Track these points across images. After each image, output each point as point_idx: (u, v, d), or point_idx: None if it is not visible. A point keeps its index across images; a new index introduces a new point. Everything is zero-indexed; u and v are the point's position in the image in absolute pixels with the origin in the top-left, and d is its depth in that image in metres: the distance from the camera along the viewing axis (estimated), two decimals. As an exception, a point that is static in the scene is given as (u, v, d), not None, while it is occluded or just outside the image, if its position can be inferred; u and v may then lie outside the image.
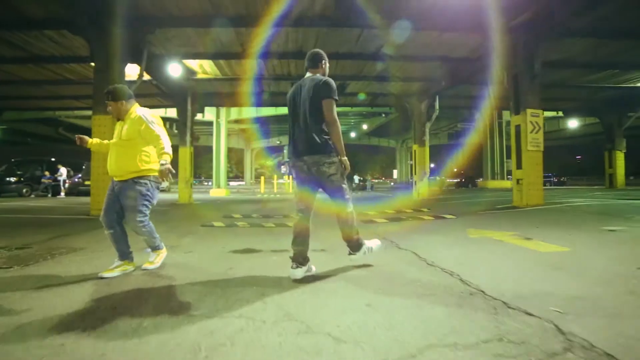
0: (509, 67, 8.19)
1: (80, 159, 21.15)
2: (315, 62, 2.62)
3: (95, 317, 1.75)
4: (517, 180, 8.07)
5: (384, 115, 27.23)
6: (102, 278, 2.44)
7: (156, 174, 2.61)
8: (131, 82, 7.98)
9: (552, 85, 12.78)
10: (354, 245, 2.68)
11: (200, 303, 1.95)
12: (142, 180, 2.59)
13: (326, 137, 2.43)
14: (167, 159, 2.50)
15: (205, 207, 9.76)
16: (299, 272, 2.40)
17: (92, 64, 9.01)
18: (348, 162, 2.49)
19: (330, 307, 1.87)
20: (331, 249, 3.31)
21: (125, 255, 2.64)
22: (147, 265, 2.71)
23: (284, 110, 19.77)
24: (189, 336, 1.51)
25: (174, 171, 2.69)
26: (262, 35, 8.42)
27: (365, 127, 33.22)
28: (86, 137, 2.81)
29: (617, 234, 3.97)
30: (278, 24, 7.52)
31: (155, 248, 2.79)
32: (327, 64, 2.73)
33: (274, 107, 18.97)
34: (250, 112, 20.39)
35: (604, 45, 8.97)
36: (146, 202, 2.62)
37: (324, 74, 2.63)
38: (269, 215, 7.03)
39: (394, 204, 9.68)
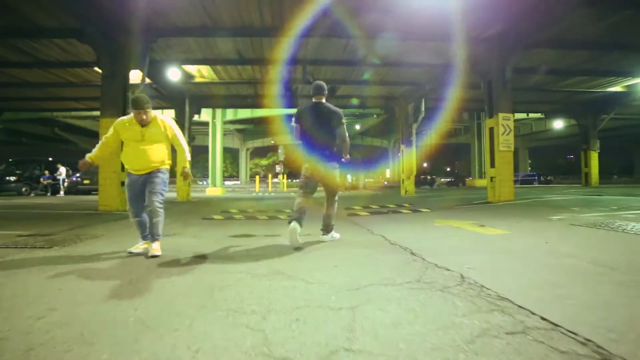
0: (484, 74, 8.94)
1: (78, 158, 21.49)
2: (321, 91, 3.61)
3: (138, 272, 2.41)
4: (491, 178, 8.82)
5: (375, 116, 27.97)
6: (130, 253, 3.08)
7: (169, 167, 3.23)
8: (135, 85, 8.55)
9: (531, 89, 13.64)
10: (328, 229, 3.67)
11: (211, 265, 2.62)
12: (163, 169, 3.14)
13: (334, 149, 3.54)
14: (188, 165, 3.22)
15: (203, 204, 10.36)
16: (293, 224, 3.24)
17: (96, 68, 9.61)
18: (349, 156, 3.67)
19: (307, 267, 2.55)
20: (315, 234, 3.98)
21: (147, 237, 3.25)
22: (157, 252, 3.04)
23: (277, 112, 20.43)
24: (206, 281, 2.18)
25: (192, 176, 3.30)
26: (256, 43, 9.08)
27: (357, 127, 33.95)
28: (87, 160, 3.09)
29: (554, 222, 4.71)
30: (270, 34, 8.20)
31: (158, 237, 3.08)
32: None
33: (268, 109, 19.53)
34: (245, 112, 20.97)
35: (569, 55, 9.79)
36: (165, 188, 3.15)
37: (326, 100, 3.67)
38: (263, 210, 7.68)
39: (381, 201, 10.38)
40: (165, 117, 3.17)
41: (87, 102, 14.80)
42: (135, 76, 8.89)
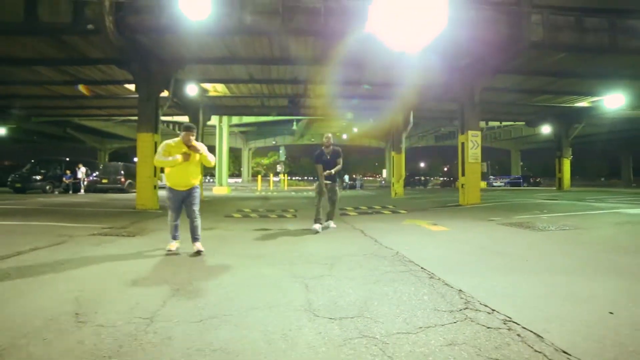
0: (457, 96, 10.59)
1: (86, 156, 22.92)
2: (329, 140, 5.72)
3: (210, 248, 4.07)
4: (462, 185, 10.49)
5: (372, 120, 29.60)
6: (169, 251, 4.33)
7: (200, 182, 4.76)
8: (162, 99, 10.03)
9: (510, 103, 15.33)
10: (329, 219, 5.61)
11: (250, 244, 4.30)
12: (198, 185, 4.39)
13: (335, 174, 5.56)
14: (205, 158, 4.15)
15: (216, 203, 11.95)
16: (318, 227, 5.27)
17: (126, 86, 11.22)
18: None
19: (307, 244, 4.24)
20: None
21: (176, 237, 4.06)
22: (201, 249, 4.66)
23: (278, 117, 22.16)
24: (253, 253, 3.85)
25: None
26: (265, 68, 10.73)
27: (355, 130, 35.64)
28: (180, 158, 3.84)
29: (489, 222, 6.37)
30: (277, 63, 9.85)
31: (199, 237, 3.94)
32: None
33: (271, 116, 21.21)
34: (250, 118, 22.62)
35: (533, 79, 11.48)
36: (199, 199, 4.57)
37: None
38: (272, 209, 9.32)
39: (371, 202, 12.04)
40: (199, 142, 4.18)
41: (109, 110, 16.41)
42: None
